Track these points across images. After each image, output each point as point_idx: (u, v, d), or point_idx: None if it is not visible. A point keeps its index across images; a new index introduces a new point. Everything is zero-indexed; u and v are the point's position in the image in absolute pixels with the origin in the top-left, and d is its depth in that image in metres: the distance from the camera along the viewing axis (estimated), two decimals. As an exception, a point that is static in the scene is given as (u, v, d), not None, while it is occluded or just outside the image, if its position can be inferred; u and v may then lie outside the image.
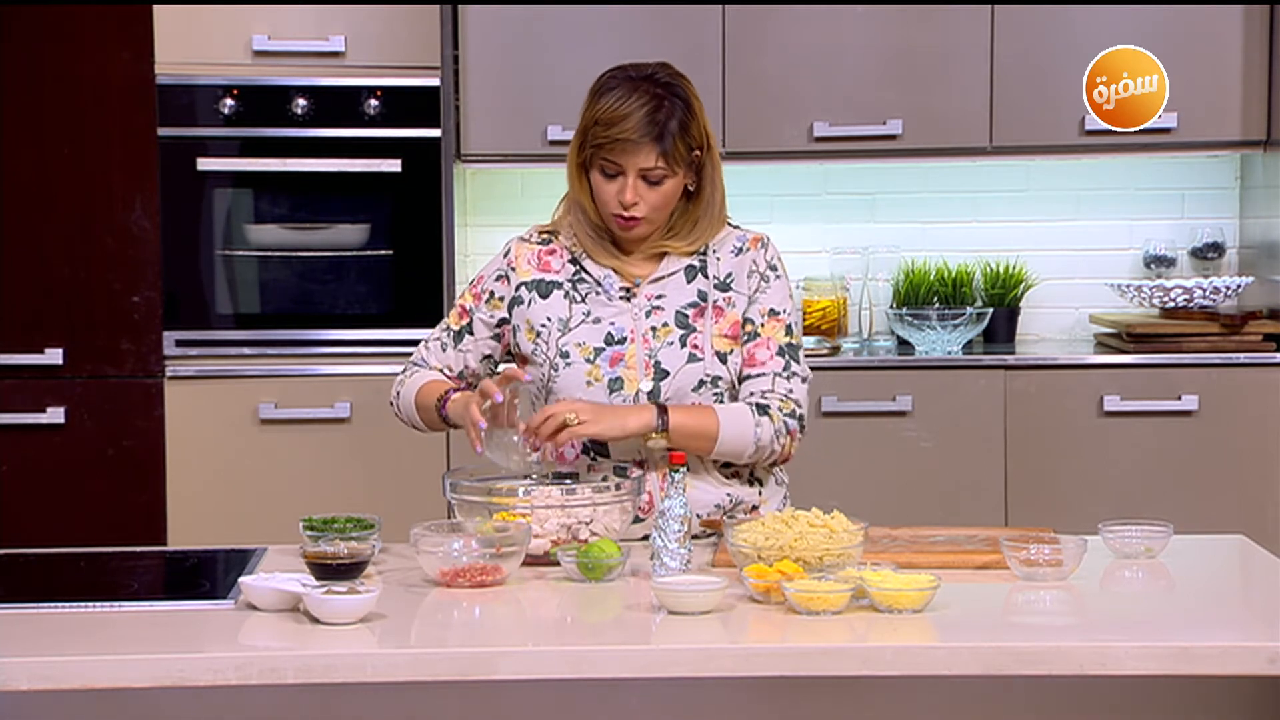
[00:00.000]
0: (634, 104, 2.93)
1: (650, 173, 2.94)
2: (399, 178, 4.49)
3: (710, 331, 3.01)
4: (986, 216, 4.85)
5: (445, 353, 3.11)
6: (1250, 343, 4.47)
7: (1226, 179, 4.86)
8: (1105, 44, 4.49)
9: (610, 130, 2.92)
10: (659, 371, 2.98)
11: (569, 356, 3.00)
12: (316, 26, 4.47)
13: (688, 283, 3.03)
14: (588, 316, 3.02)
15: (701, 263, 3.05)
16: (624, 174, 2.94)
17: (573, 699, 2.50)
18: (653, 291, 3.03)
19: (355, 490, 4.40)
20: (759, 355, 3.02)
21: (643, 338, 3.00)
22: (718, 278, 3.04)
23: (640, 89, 2.95)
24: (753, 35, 4.54)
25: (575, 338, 3.01)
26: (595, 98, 2.98)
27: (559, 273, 3.06)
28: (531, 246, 3.10)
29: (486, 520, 2.75)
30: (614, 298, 3.03)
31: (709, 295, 3.03)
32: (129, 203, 4.43)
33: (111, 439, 4.44)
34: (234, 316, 4.51)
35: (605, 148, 2.94)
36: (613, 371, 2.99)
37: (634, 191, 2.94)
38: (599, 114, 2.95)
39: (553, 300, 3.04)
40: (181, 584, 2.84)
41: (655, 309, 3.02)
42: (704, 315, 3.01)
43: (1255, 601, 2.75)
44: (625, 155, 2.93)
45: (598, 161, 2.96)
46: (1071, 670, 2.33)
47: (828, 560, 2.59)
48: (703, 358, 2.99)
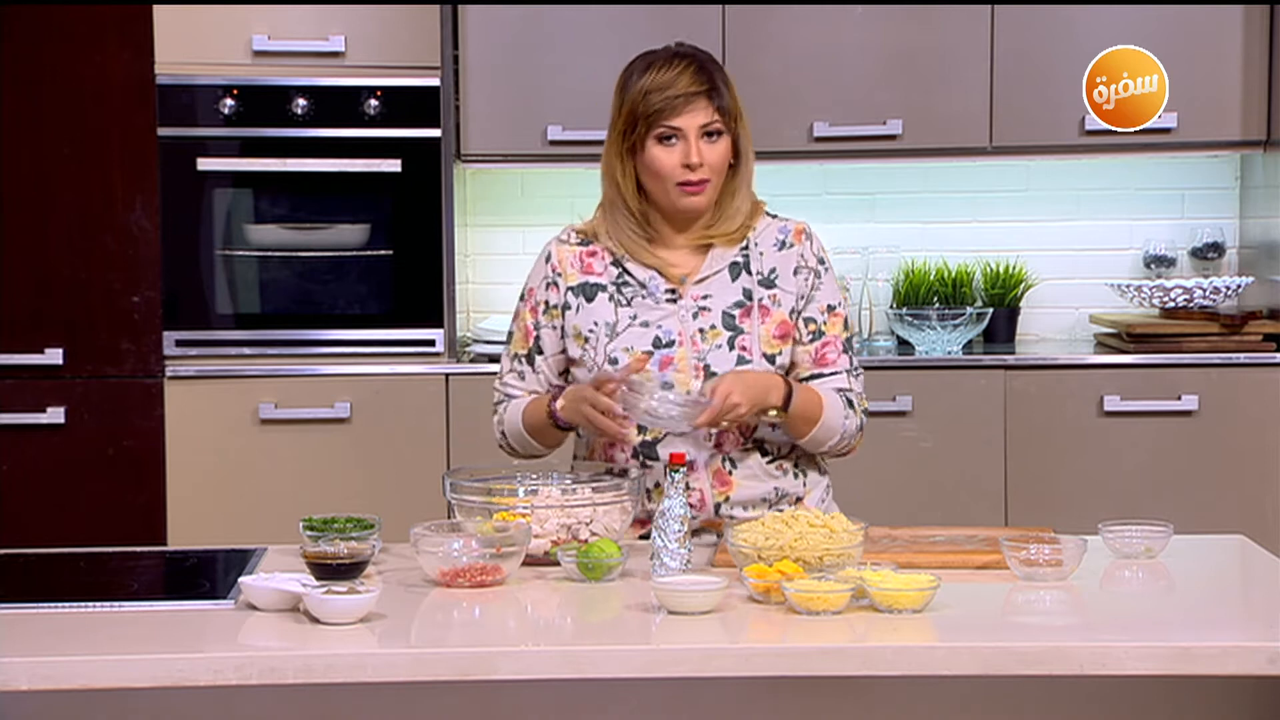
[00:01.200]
0: (677, 67, 2.99)
1: (708, 127, 2.97)
2: (399, 178, 4.49)
3: (758, 333, 3.01)
4: (986, 216, 4.85)
5: (525, 380, 3.10)
6: (1250, 343, 4.47)
7: (1226, 179, 4.86)
8: (1105, 44, 4.49)
9: (666, 93, 2.96)
10: (709, 374, 2.98)
11: (619, 363, 3.00)
12: (316, 26, 4.47)
13: (732, 280, 3.03)
14: (635, 320, 3.02)
15: (745, 258, 3.05)
16: (684, 136, 2.96)
17: (573, 699, 2.50)
18: (698, 292, 3.03)
19: (355, 490, 4.40)
20: (829, 355, 3.05)
21: (691, 340, 3.00)
22: (761, 273, 3.04)
23: (675, 57, 3.01)
24: (753, 35, 4.54)
25: (624, 342, 3.01)
26: (634, 79, 3.01)
27: (602, 275, 3.06)
28: (572, 248, 3.10)
29: (486, 520, 2.75)
30: (660, 300, 3.03)
31: (754, 293, 3.03)
32: (129, 203, 4.43)
33: (111, 439, 4.44)
34: (234, 316, 4.51)
35: (663, 113, 2.96)
36: (664, 375, 2.99)
37: (698, 150, 2.96)
38: (647, 86, 2.98)
39: (598, 304, 3.04)
40: (181, 584, 2.84)
41: (702, 310, 3.02)
42: (750, 315, 3.02)
43: (1255, 602, 2.75)
44: (683, 114, 2.96)
45: (654, 133, 2.97)
46: (1071, 670, 2.33)
47: (828, 560, 2.59)
48: (751, 360, 3.00)
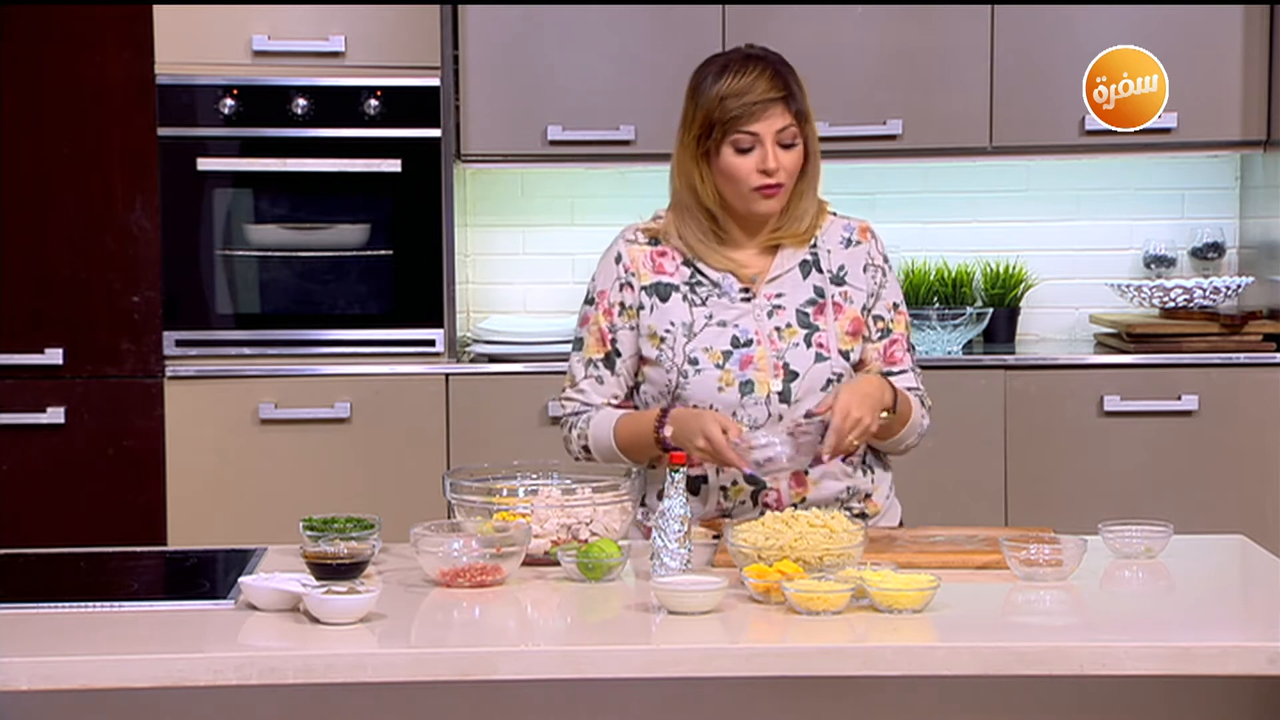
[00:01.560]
0: (753, 73, 2.98)
1: (783, 134, 2.97)
2: (399, 178, 4.49)
3: (833, 330, 3.02)
4: (986, 216, 4.85)
5: (604, 385, 3.08)
6: (1250, 343, 4.47)
7: (1226, 179, 4.86)
8: (1105, 44, 4.49)
9: (743, 99, 2.95)
10: (789, 373, 2.99)
11: (698, 363, 3.00)
12: (316, 26, 4.47)
13: (803, 279, 3.04)
14: (711, 320, 3.02)
15: (814, 256, 3.06)
16: (760, 143, 2.96)
17: (573, 699, 2.50)
18: (771, 291, 3.03)
19: (355, 490, 4.40)
20: (897, 354, 3.08)
21: (769, 339, 3.01)
22: (831, 271, 3.06)
23: (750, 61, 3.00)
24: (752, 35, 4.51)
25: (702, 343, 3.01)
26: (709, 84, 2.99)
27: (674, 275, 3.06)
28: (642, 248, 3.09)
29: (486, 520, 2.75)
30: (735, 299, 3.03)
31: (826, 290, 3.04)
32: (129, 203, 4.43)
33: (111, 439, 4.44)
34: (234, 316, 4.51)
35: (740, 119, 2.95)
36: (744, 374, 2.99)
37: (774, 156, 2.95)
38: (723, 91, 2.97)
39: (673, 304, 3.04)
40: (181, 584, 2.84)
41: (776, 308, 3.02)
42: (824, 312, 3.03)
43: (1255, 601, 2.75)
44: (761, 119, 2.95)
45: (729, 139, 2.96)
46: (1071, 670, 2.33)
47: (828, 560, 2.59)
48: (829, 356, 3.01)
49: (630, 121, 4.56)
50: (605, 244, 4.79)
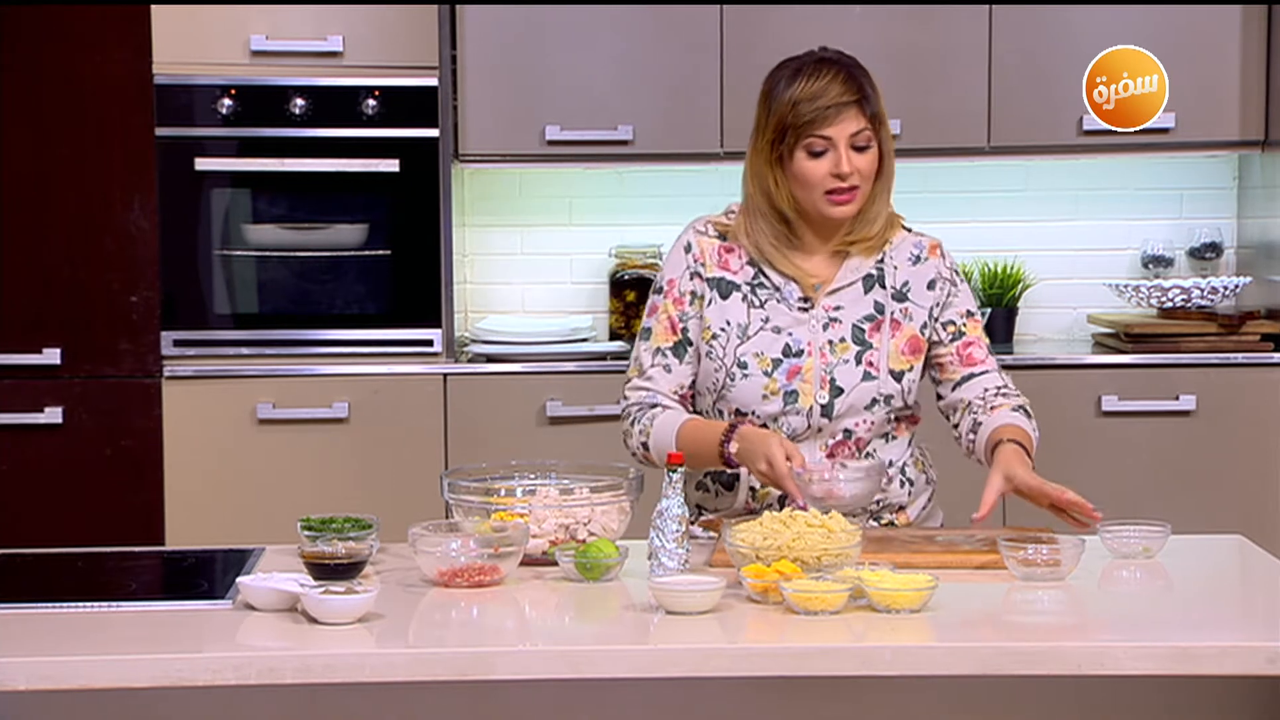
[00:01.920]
0: (826, 76, 2.96)
1: (858, 137, 2.95)
2: (397, 178, 4.49)
3: (887, 348, 3.01)
4: (984, 216, 4.85)
5: (672, 373, 3.05)
6: (1248, 343, 4.47)
7: (1224, 179, 4.86)
8: (1104, 44, 4.49)
9: (816, 103, 2.93)
10: (834, 388, 2.99)
11: (747, 367, 3.00)
12: (314, 26, 4.47)
13: (865, 293, 3.03)
14: (766, 324, 3.02)
15: (879, 270, 3.04)
16: (834, 147, 2.95)
17: (571, 699, 2.50)
18: (830, 303, 3.02)
19: (353, 490, 4.40)
20: (975, 354, 3.07)
21: (820, 351, 3.00)
22: (894, 287, 3.04)
23: (824, 65, 2.98)
24: (751, 36, 4.54)
25: (754, 347, 3.01)
26: (782, 88, 2.98)
27: (738, 274, 3.05)
28: (711, 241, 3.08)
29: (484, 520, 2.75)
30: (793, 306, 3.02)
31: (886, 307, 3.03)
32: (127, 202, 4.42)
33: (109, 439, 4.44)
34: (232, 316, 4.51)
35: (814, 123, 2.94)
36: (789, 385, 2.99)
37: (848, 160, 2.94)
38: (796, 95, 2.95)
39: (732, 303, 3.03)
40: (179, 584, 2.84)
41: (833, 321, 3.01)
42: (880, 330, 3.02)
43: (1253, 601, 2.75)
44: (835, 124, 2.94)
45: (803, 143, 2.95)
46: (1070, 670, 2.33)
47: (825, 560, 2.59)
48: (877, 376, 3.00)
49: (628, 121, 4.56)
50: (603, 244, 4.85)
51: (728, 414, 3.03)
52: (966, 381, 3.05)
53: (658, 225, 4.86)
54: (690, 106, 4.55)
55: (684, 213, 4.84)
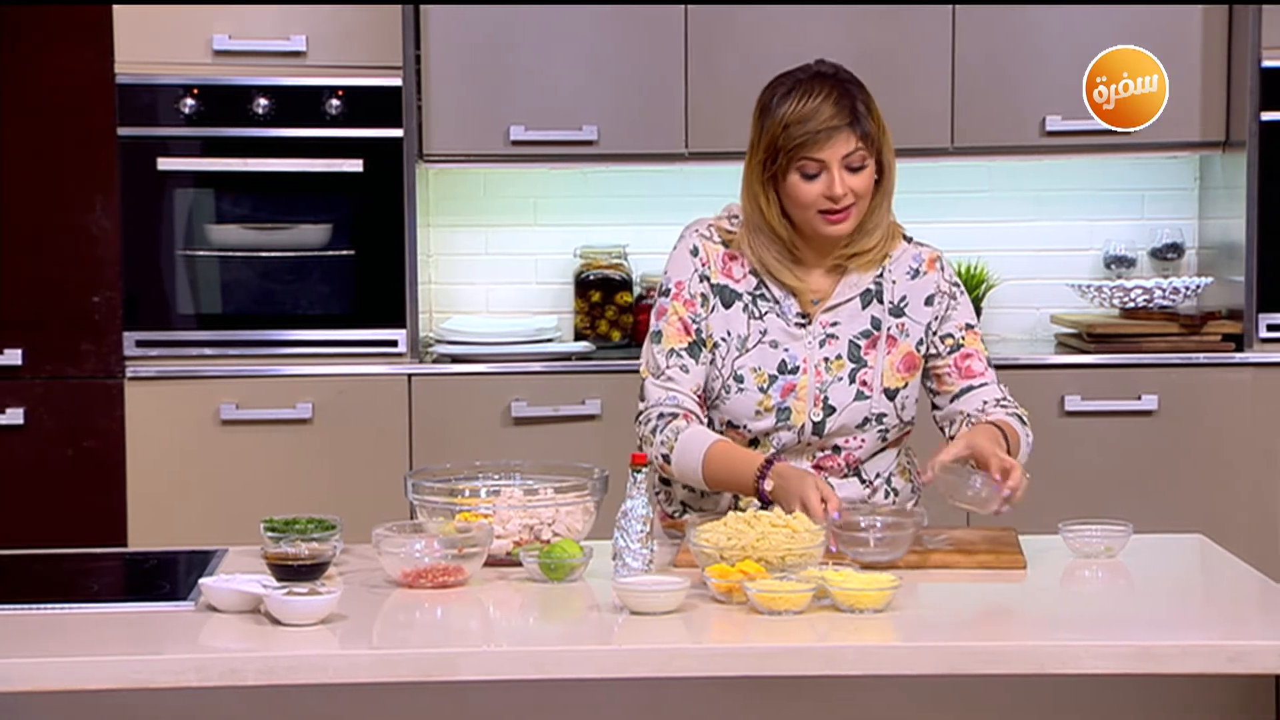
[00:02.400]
0: (818, 97, 2.93)
1: (851, 158, 2.93)
2: (361, 178, 4.48)
3: (881, 366, 3.00)
4: (948, 217, 4.86)
5: (690, 374, 3.00)
6: (1209, 343, 4.50)
7: (1186, 180, 4.88)
8: (1065, 45, 4.51)
9: (806, 126, 2.91)
10: (826, 407, 2.98)
11: (743, 381, 2.99)
12: (277, 26, 4.45)
13: (862, 308, 3.02)
14: (764, 337, 3.00)
15: (878, 285, 3.03)
16: (827, 168, 2.92)
17: (535, 699, 2.50)
18: (827, 319, 3.01)
19: (317, 491, 4.39)
20: (974, 366, 3.04)
21: (815, 369, 2.99)
22: (892, 302, 3.03)
23: (816, 83, 2.95)
24: (715, 37, 4.54)
25: (751, 361, 2.99)
26: (774, 106, 2.95)
27: (740, 282, 3.03)
28: (716, 247, 3.05)
29: (449, 521, 2.74)
30: (791, 322, 3.01)
31: (883, 323, 3.01)
32: (89, 203, 4.40)
33: (71, 440, 4.42)
34: (195, 317, 4.49)
35: (805, 146, 2.91)
36: (783, 401, 2.98)
37: (841, 182, 2.92)
38: (787, 117, 2.92)
39: (734, 312, 3.02)
40: (142, 585, 2.83)
41: (829, 338, 3.00)
42: (876, 346, 3.01)
43: (1214, 600, 2.76)
44: (826, 147, 2.91)
45: (795, 165, 2.93)
46: (1033, 669, 2.34)
47: (789, 560, 2.60)
48: (870, 395, 2.99)
49: (593, 122, 4.55)
50: (567, 244, 4.85)
51: (719, 424, 3.02)
52: (965, 394, 3.03)
53: (623, 225, 4.87)
54: (655, 107, 4.55)
55: (649, 213, 4.89)
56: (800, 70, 2.99)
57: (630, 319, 4.76)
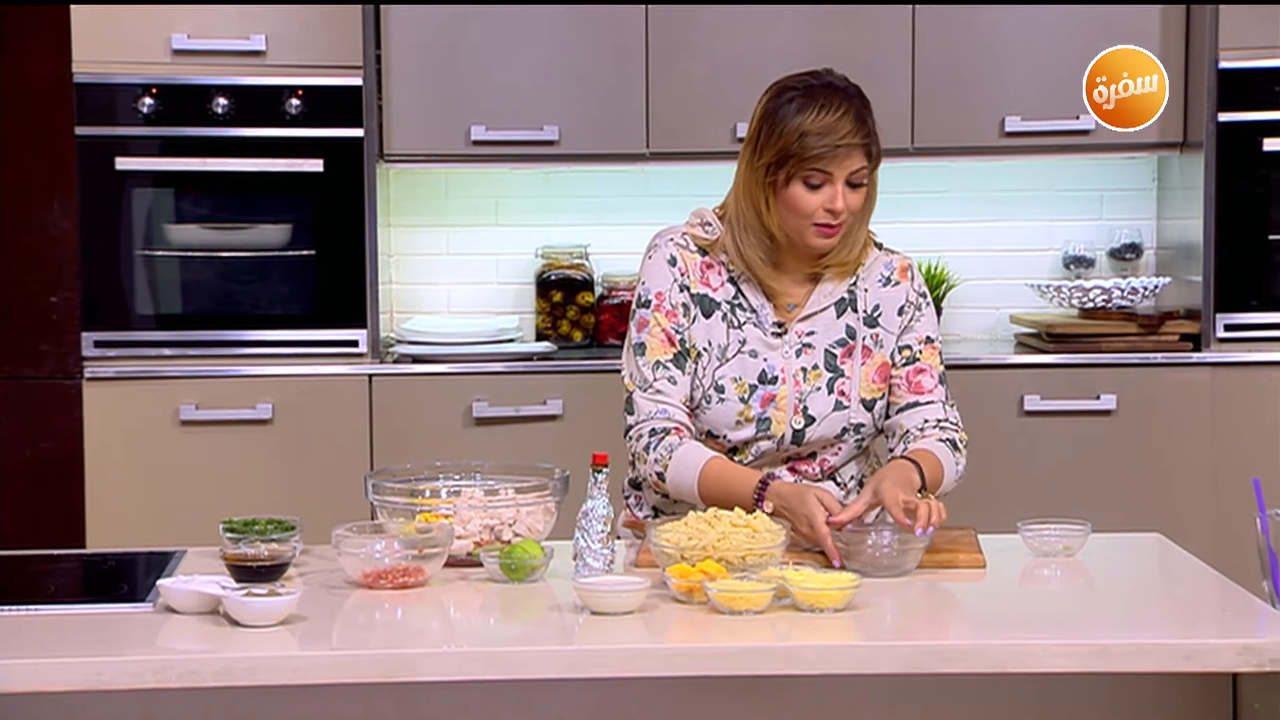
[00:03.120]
0: (839, 111, 2.92)
1: (856, 175, 2.93)
2: (321, 178, 4.46)
3: (858, 376, 3.00)
4: (908, 217, 4.87)
5: (678, 385, 2.99)
6: (1167, 343, 4.52)
7: (1144, 180, 4.91)
8: (1025, 46, 4.53)
9: (826, 139, 2.89)
10: (806, 416, 2.98)
11: (724, 391, 2.98)
12: (237, 25, 4.44)
13: (838, 317, 3.02)
14: (744, 347, 3.00)
15: (851, 294, 3.03)
16: (831, 182, 2.92)
17: (496, 700, 2.50)
18: (803, 329, 3.01)
19: (277, 492, 4.37)
20: (925, 383, 3.03)
21: (793, 379, 2.99)
22: (866, 311, 3.03)
23: (835, 95, 2.94)
24: (676, 37, 4.55)
25: (731, 371, 2.99)
26: (791, 115, 2.92)
27: (718, 291, 3.02)
28: (693, 255, 3.04)
29: (409, 521, 2.74)
30: (767, 331, 3.01)
31: (858, 333, 3.02)
32: (47, 202, 4.38)
33: (29, 440, 4.39)
34: (154, 317, 4.47)
35: (819, 158, 2.90)
36: (763, 412, 2.98)
37: (843, 197, 2.92)
38: (806, 127, 2.90)
39: (714, 322, 3.01)
40: (100, 587, 2.82)
41: (805, 347, 3.00)
42: (852, 355, 3.01)
43: (1172, 599, 2.78)
44: (838, 162, 2.91)
45: (802, 175, 2.92)
46: (992, 668, 2.35)
47: (750, 560, 2.60)
48: (848, 405, 2.99)
49: (554, 122, 4.55)
50: (529, 244, 4.85)
51: (699, 434, 3.02)
52: (909, 409, 3.03)
53: (584, 225, 4.87)
54: (616, 107, 4.55)
55: (610, 213, 4.89)
56: (812, 77, 2.98)
57: (592, 319, 4.76)
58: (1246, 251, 4.50)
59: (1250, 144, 4.47)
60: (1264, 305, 4.49)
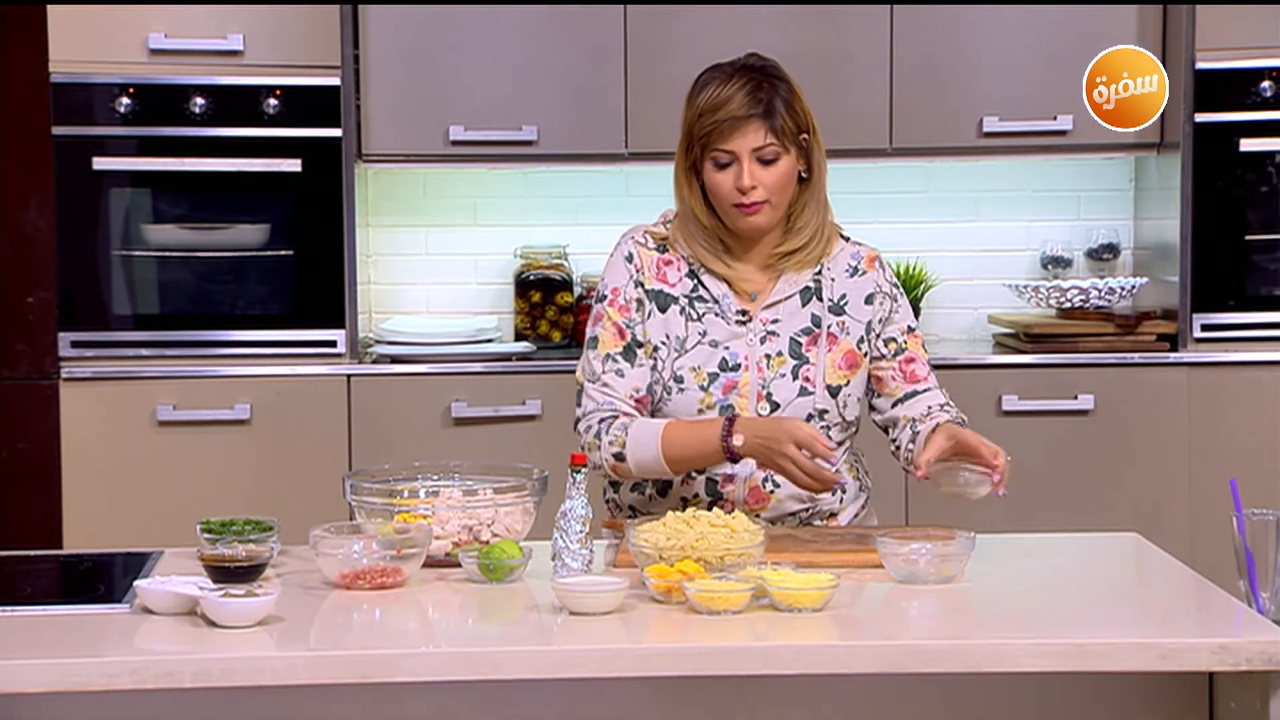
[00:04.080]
0: (733, 86, 2.93)
1: (762, 151, 2.92)
2: (299, 178, 4.46)
3: (823, 362, 2.99)
4: (887, 217, 4.88)
5: (625, 378, 2.99)
6: (1144, 343, 4.54)
7: (1121, 181, 4.92)
8: (1003, 46, 4.54)
9: (716, 115, 2.92)
10: (771, 403, 2.97)
11: (683, 381, 2.98)
12: (214, 25, 4.43)
13: (803, 306, 3.02)
14: (704, 338, 3.00)
15: (816, 283, 3.03)
16: (737, 159, 2.92)
17: (474, 700, 2.50)
18: (768, 316, 3.00)
19: (255, 492, 4.37)
20: (918, 371, 3.04)
21: (757, 366, 2.98)
22: (832, 300, 3.02)
23: (736, 74, 2.96)
24: (654, 38, 4.55)
25: (690, 361, 2.99)
26: (693, 95, 2.98)
27: (675, 286, 3.02)
28: (650, 253, 3.05)
29: (387, 522, 2.74)
30: (730, 320, 3.00)
31: (823, 320, 3.01)
32: (23, 202, 4.37)
33: (5, 441, 4.38)
34: (132, 317, 4.46)
35: (715, 135, 2.92)
36: (725, 399, 2.97)
37: (750, 174, 2.92)
38: (701, 106, 2.94)
39: (670, 316, 3.01)
40: (76, 587, 2.81)
41: (770, 335, 3.00)
42: (817, 343, 3.00)
43: (1149, 599, 2.79)
44: (735, 137, 2.91)
45: (709, 155, 2.94)
46: (970, 668, 2.36)
47: (729, 560, 2.60)
48: (814, 391, 2.98)
49: (533, 122, 4.55)
50: (508, 244, 4.84)
51: None
52: (910, 399, 3.03)
53: (563, 226, 4.86)
54: (595, 107, 4.55)
55: (589, 213, 4.89)
56: (730, 62, 3.01)
57: (571, 319, 4.76)
58: (1223, 252, 4.52)
59: (1227, 144, 4.48)
60: (1241, 305, 4.51)
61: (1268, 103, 4.48)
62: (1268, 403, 4.47)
